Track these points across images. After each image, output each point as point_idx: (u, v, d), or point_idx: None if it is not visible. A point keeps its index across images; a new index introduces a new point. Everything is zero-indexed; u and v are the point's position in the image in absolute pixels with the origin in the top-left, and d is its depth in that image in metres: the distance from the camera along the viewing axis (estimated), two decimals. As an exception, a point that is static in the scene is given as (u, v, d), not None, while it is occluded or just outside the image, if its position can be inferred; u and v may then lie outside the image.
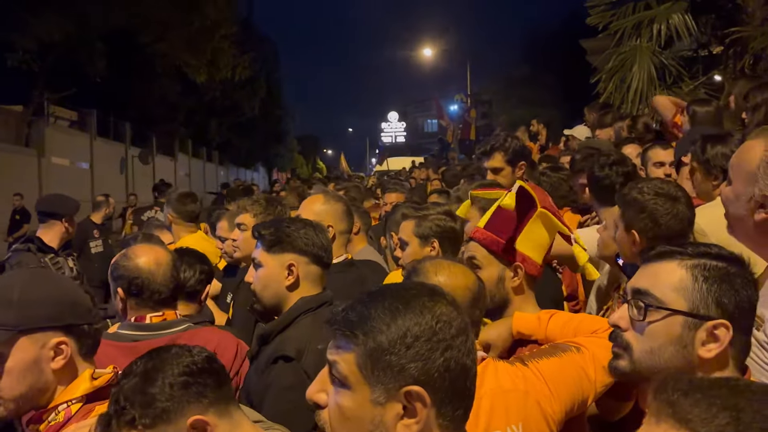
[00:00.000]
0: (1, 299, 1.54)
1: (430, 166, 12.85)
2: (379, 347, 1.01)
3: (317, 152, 64.41)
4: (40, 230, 4.16)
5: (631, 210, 2.18)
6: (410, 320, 1.02)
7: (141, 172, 24.65)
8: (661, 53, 7.61)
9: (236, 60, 23.47)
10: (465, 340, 1.05)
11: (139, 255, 2.19)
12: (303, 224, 2.20)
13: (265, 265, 2.13)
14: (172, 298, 2.24)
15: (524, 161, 3.68)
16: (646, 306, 1.25)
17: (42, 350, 1.53)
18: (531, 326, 1.77)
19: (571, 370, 1.58)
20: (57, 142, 19.84)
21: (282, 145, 45.72)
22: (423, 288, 1.11)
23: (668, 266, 1.27)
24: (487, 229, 1.88)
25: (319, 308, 2.10)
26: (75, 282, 1.78)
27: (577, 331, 1.73)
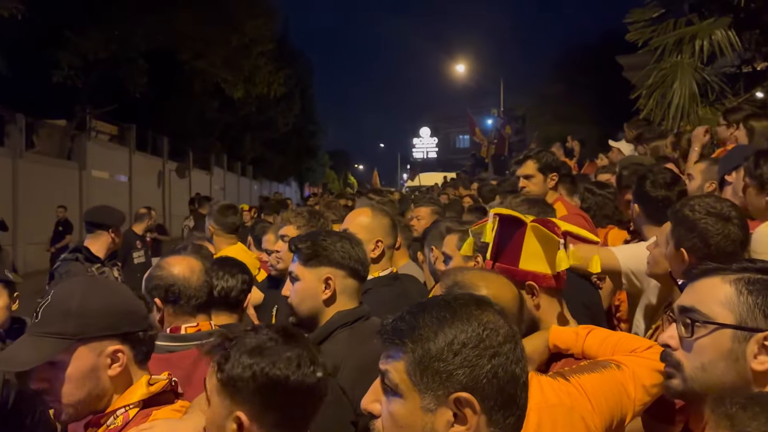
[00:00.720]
0: (60, 309, 1.58)
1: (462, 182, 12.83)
2: (427, 354, 1.03)
3: (348, 167, 64.83)
4: (87, 240, 4.25)
5: (682, 228, 2.14)
6: (457, 328, 1.04)
7: (177, 185, 25.16)
8: (703, 69, 7.50)
9: (272, 76, 23.82)
10: (513, 347, 1.07)
11: (172, 264, 2.24)
12: (339, 237, 2.20)
13: (302, 278, 2.13)
14: (208, 305, 2.27)
15: (556, 173, 3.78)
16: (692, 322, 1.24)
17: (99, 358, 1.56)
18: (568, 340, 1.76)
19: (612, 386, 1.58)
20: (98, 155, 20.39)
21: (314, 160, 46.18)
22: (470, 298, 1.14)
23: (712, 282, 1.26)
24: (493, 260, 1.90)
25: (355, 323, 2.09)
26: (130, 289, 1.81)
27: (615, 348, 1.71)
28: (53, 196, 16.12)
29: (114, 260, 4.52)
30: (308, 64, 41.55)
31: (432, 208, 5.09)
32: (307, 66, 40.83)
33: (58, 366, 1.55)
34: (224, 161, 32.13)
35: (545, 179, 3.72)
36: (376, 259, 2.72)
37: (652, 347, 1.69)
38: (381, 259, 2.74)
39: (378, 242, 2.72)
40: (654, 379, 1.61)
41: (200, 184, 27.32)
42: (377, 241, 2.72)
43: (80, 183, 19.23)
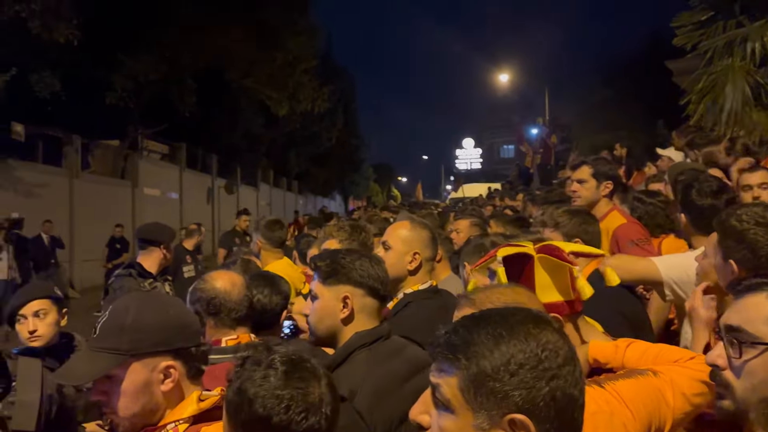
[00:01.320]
0: (115, 325, 1.62)
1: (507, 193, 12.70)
2: (482, 372, 1.00)
3: (392, 180, 65.02)
4: (140, 256, 4.37)
5: (729, 239, 2.07)
6: (514, 347, 1.01)
7: (226, 201, 25.74)
8: (756, 72, 7.25)
9: (316, 93, 24.19)
10: (572, 369, 1.03)
11: (215, 278, 2.32)
12: (359, 256, 2.17)
13: (321, 296, 2.10)
14: (248, 318, 2.32)
15: (611, 182, 3.71)
16: (740, 343, 1.21)
17: (152, 373, 1.59)
18: (607, 354, 1.73)
19: (649, 392, 1.53)
20: (149, 173, 21.07)
21: (358, 174, 46.58)
22: (528, 314, 1.10)
23: (757, 299, 1.23)
24: None
25: (374, 343, 2.06)
26: (183, 303, 1.86)
27: (656, 359, 1.67)
28: (108, 214, 16.72)
29: (165, 275, 4.64)
30: (351, 80, 42.09)
31: (471, 220, 5.01)
32: (349, 81, 41.36)
33: (114, 380, 1.59)
34: (270, 177, 32.72)
35: (598, 185, 3.68)
36: (414, 271, 2.70)
37: (695, 358, 1.65)
38: (418, 272, 2.71)
39: (416, 254, 2.69)
40: (695, 388, 1.56)
41: (247, 200, 27.90)
42: (415, 254, 2.69)
43: (133, 200, 19.90)
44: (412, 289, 2.69)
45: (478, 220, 5.13)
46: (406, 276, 2.70)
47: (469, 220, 5.00)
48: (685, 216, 2.89)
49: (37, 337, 2.95)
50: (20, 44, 13.40)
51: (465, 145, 67.71)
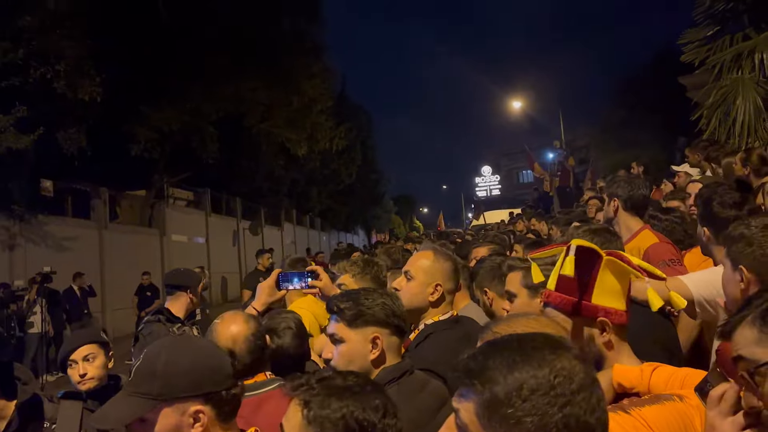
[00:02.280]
0: (147, 370, 1.68)
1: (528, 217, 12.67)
2: (495, 398, 1.01)
3: (413, 211, 65.03)
4: (168, 302, 4.45)
5: (738, 244, 2.07)
6: (527, 372, 1.01)
7: (251, 242, 26.00)
8: (766, 83, 7.25)
9: (333, 132, 24.57)
10: (588, 396, 1.02)
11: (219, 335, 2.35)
12: (379, 294, 2.17)
13: (348, 340, 2.08)
14: (258, 366, 2.33)
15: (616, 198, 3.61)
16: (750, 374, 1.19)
17: (182, 417, 1.64)
18: (633, 378, 1.68)
19: (675, 417, 1.49)
20: (176, 220, 21.46)
21: (379, 207, 46.75)
22: (546, 339, 1.10)
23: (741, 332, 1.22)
24: (559, 291, 1.79)
25: (401, 377, 2.07)
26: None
27: (683, 384, 1.62)
28: (137, 262, 17.02)
29: (194, 319, 4.74)
30: (367, 116, 42.58)
31: (490, 247, 4.97)
32: (366, 118, 41.85)
33: (148, 423, 1.65)
34: (293, 216, 33.03)
35: (609, 203, 3.62)
36: (435, 303, 2.68)
37: None
38: (441, 304, 2.69)
39: (437, 286, 2.67)
40: None
41: (272, 240, 28.17)
42: (437, 285, 2.67)
43: (161, 248, 20.23)
44: (432, 320, 2.67)
45: (497, 247, 5.06)
46: (428, 307, 2.68)
47: (487, 247, 4.92)
48: (708, 229, 2.85)
49: (88, 380, 3.07)
50: (46, 103, 13.81)
51: (483, 172, 67.78)
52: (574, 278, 1.74)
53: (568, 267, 1.72)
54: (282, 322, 2.82)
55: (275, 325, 2.81)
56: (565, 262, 1.73)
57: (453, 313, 2.81)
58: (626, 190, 3.54)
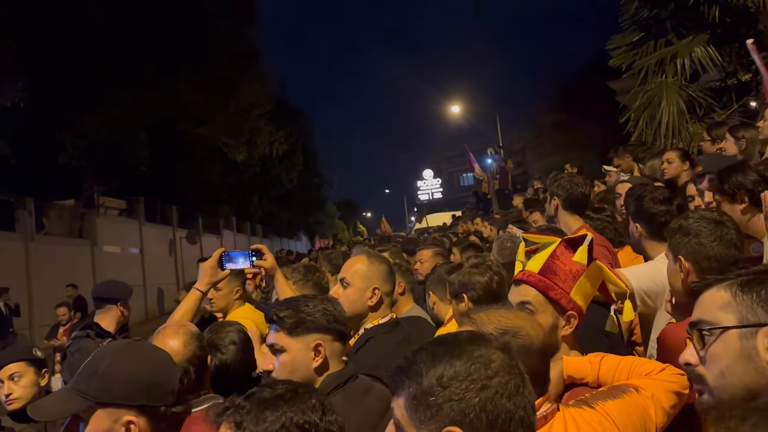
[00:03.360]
0: (89, 369, 1.65)
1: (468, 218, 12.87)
2: (419, 390, 1.07)
3: (357, 216, 65.07)
4: (97, 316, 4.26)
5: (677, 235, 2.16)
6: (447, 362, 1.07)
7: (188, 252, 25.34)
8: (688, 87, 7.61)
9: (273, 136, 24.32)
10: (505, 381, 1.07)
11: None
12: (320, 300, 2.13)
13: (289, 349, 2.04)
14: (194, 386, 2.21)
15: (555, 198, 3.70)
16: (701, 334, 1.25)
17: (114, 425, 1.60)
18: (582, 369, 1.76)
19: (636, 411, 1.57)
20: (108, 231, 20.65)
21: (322, 212, 46.50)
22: (467, 335, 1.16)
23: (710, 293, 1.27)
24: (542, 274, 1.85)
25: (346, 383, 2.05)
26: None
27: (630, 373, 1.71)
28: (66, 276, 16.28)
29: (125, 333, 4.55)
30: (307, 121, 42.30)
31: (434, 249, 5.00)
32: (306, 122, 41.57)
33: (81, 422, 1.62)
34: (233, 223, 32.42)
35: (549, 201, 3.71)
36: (374, 307, 2.67)
37: (665, 369, 1.69)
38: (380, 307, 2.68)
39: (375, 290, 2.66)
40: (671, 400, 1.62)
41: (211, 248, 27.32)
42: (374, 289, 2.66)
43: (92, 260, 19.43)
44: (372, 323, 2.66)
45: (441, 249, 5.12)
46: (368, 312, 2.67)
47: (431, 250, 4.99)
48: (640, 225, 2.94)
49: (12, 400, 2.98)
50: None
51: (425, 176, 68.48)
52: (566, 267, 1.83)
53: (580, 255, 1.84)
54: (226, 337, 2.71)
55: (218, 341, 2.70)
56: (579, 251, 1.84)
57: (392, 315, 2.81)
58: (566, 189, 3.59)
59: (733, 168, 2.66)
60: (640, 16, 8.49)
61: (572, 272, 1.83)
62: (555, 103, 26.40)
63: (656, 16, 8.46)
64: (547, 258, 1.87)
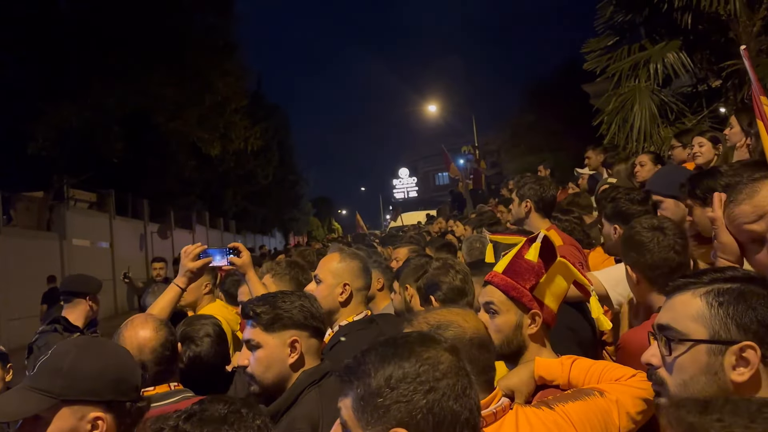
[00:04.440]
0: (52, 366, 1.60)
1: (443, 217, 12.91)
2: (367, 391, 1.06)
3: (332, 213, 64.88)
4: (65, 310, 4.20)
5: (623, 247, 2.23)
6: (395, 364, 1.07)
7: (160, 247, 24.99)
8: (660, 91, 7.75)
9: (248, 131, 24.05)
10: (453, 383, 1.07)
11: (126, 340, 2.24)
12: (297, 296, 2.13)
13: (265, 344, 2.02)
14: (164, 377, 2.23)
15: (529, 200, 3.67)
16: (668, 340, 1.24)
17: (80, 422, 1.57)
18: (553, 371, 1.76)
19: (596, 413, 1.57)
20: (77, 224, 20.26)
21: (297, 209, 46.24)
22: (417, 336, 1.16)
23: (684, 298, 1.25)
24: (506, 274, 1.86)
25: (322, 380, 2.04)
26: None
27: (600, 377, 1.72)
28: (34, 269, 15.94)
29: (94, 328, 4.48)
30: (284, 116, 42.02)
31: (410, 248, 5.06)
32: (282, 118, 41.28)
33: (41, 422, 1.56)
34: (206, 218, 32.05)
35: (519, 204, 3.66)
36: (345, 303, 2.70)
37: (636, 375, 1.70)
38: (350, 303, 2.71)
39: (345, 285, 2.69)
40: (638, 406, 1.62)
41: (182, 244, 26.87)
42: (344, 285, 2.69)
43: (61, 253, 19.04)
44: (347, 321, 2.69)
45: (417, 247, 5.18)
46: (339, 308, 2.69)
47: (407, 248, 5.02)
48: (619, 226, 2.98)
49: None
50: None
51: (401, 174, 68.60)
52: (527, 266, 1.84)
53: (532, 253, 1.83)
54: (201, 329, 2.72)
55: (193, 333, 2.70)
56: (531, 248, 1.84)
57: (367, 312, 2.84)
58: (537, 192, 3.60)
59: (705, 174, 2.70)
60: (615, 20, 8.62)
61: (534, 270, 1.84)
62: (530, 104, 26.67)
63: (631, 21, 8.59)
64: (512, 258, 1.89)
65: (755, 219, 1.66)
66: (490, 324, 1.83)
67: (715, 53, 8.00)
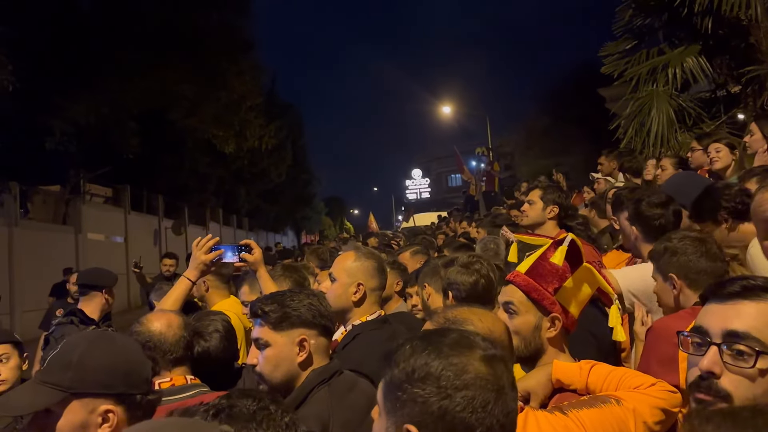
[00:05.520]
0: (62, 360, 1.61)
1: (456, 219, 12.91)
2: (392, 381, 1.08)
3: (344, 213, 64.96)
4: (81, 303, 4.26)
5: (665, 256, 2.22)
6: (422, 360, 1.07)
7: (174, 242, 25.15)
8: (678, 96, 7.69)
9: (263, 130, 24.13)
10: (473, 396, 1.04)
11: (150, 320, 2.30)
12: (306, 295, 2.12)
13: (274, 343, 2.02)
14: (185, 359, 2.29)
15: (557, 207, 3.79)
16: (757, 352, 1.13)
17: (91, 415, 1.57)
18: (571, 375, 1.73)
19: (612, 422, 1.53)
20: (93, 218, 20.44)
21: (309, 208, 46.34)
22: (457, 337, 1.13)
23: (762, 307, 1.17)
24: (529, 275, 1.85)
25: (331, 378, 2.04)
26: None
27: (619, 384, 1.67)
28: (50, 262, 16.10)
29: (109, 321, 4.53)
30: (298, 115, 42.10)
31: (411, 250, 5.07)
32: (296, 117, 41.36)
33: (53, 416, 1.56)
34: (219, 215, 32.24)
35: (545, 208, 3.76)
36: (358, 302, 2.68)
37: (656, 384, 1.65)
38: (363, 302, 2.69)
39: (359, 285, 2.68)
40: (656, 416, 1.57)
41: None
42: (358, 284, 2.68)
43: (76, 247, 19.23)
44: (360, 320, 2.67)
45: (419, 248, 5.18)
46: (352, 307, 2.68)
47: (408, 252, 5.06)
48: (637, 228, 3.00)
49: (1, 381, 2.92)
50: (-48, 91, 12.98)
51: (414, 175, 68.53)
52: (551, 269, 1.83)
53: (558, 256, 1.82)
54: (210, 325, 2.74)
55: (202, 328, 2.72)
56: (557, 251, 1.82)
57: (381, 312, 2.82)
58: (563, 198, 3.71)
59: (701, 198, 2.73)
60: (634, 24, 8.56)
61: (558, 273, 1.83)
62: (545, 107, 26.51)
63: (649, 25, 8.53)
64: (536, 259, 1.88)
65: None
66: (508, 324, 1.82)
67: (734, 58, 7.91)
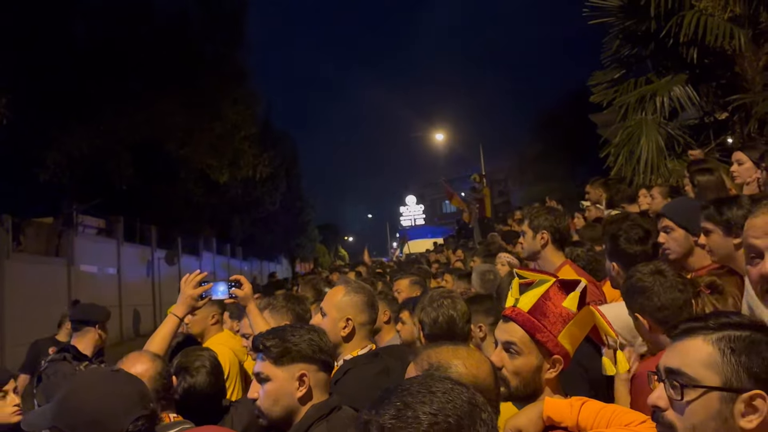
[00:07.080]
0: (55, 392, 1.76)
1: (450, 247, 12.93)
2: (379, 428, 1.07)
3: (338, 240, 64.82)
4: (74, 339, 4.23)
5: (627, 296, 2.26)
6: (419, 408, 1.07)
7: (167, 273, 25.01)
8: (667, 124, 7.80)
9: (257, 159, 24.18)
10: None
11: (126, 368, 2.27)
12: (307, 330, 2.14)
13: (274, 378, 2.04)
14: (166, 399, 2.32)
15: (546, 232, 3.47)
16: (682, 386, 1.25)
17: None
18: (562, 412, 1.72)
19: None
20: (85, 250, 20.30)
21: (303, 236, 46.23)
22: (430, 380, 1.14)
23: (695, 343, 1.27)
24: (532, 314, 1.83)
25: (330, 414, 2.04)
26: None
27: (610, 421, 1.68)
28: (42, 295, 15.96)
29: (102, 357, 4.49)
30: (292, 144, 42.26)
31: (410, 279, 5.05)
32: (290, 146, 41.50)
33: None
34: (213, 244, 32.12)
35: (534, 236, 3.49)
36: (347, 338, 2.69)
37: (646, 421, 1.65)
38: (352, 338, 2.70)
39: (348, 320, 2.69)
40: None
41: (190, 270, 26.79)
42: (347, 319, 2.69)
43: (68, 279, 19.08)
44: (351, 355, 2.68)
45: (417, 278, 5.17)
46: (341, 342, 2.68)
47: (407, 279, 5.03)
48: (617, 264, 2.95)
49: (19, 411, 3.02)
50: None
51: (408, 201, 68.75)
52: (557, 311, 1.81)
53: (570, 302, 1.81)
54: (196, 360, 2.74)
55: (188, 364, 2.73)
56: (569, 297, 1.81)
57: (372, 346, 2.83)
58: (552, 221, 3.45)
59: (730, 200, 2.64)
60: (622, 53, 8.71)
61: (562, 316, 1.82)
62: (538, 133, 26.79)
63: (637, 54, 8.68)
64: (539, 297, 1.85)
65: (761, 235, 1.69)
66: (509, 364, 1.81)
67: (721, 87, 8.05)
